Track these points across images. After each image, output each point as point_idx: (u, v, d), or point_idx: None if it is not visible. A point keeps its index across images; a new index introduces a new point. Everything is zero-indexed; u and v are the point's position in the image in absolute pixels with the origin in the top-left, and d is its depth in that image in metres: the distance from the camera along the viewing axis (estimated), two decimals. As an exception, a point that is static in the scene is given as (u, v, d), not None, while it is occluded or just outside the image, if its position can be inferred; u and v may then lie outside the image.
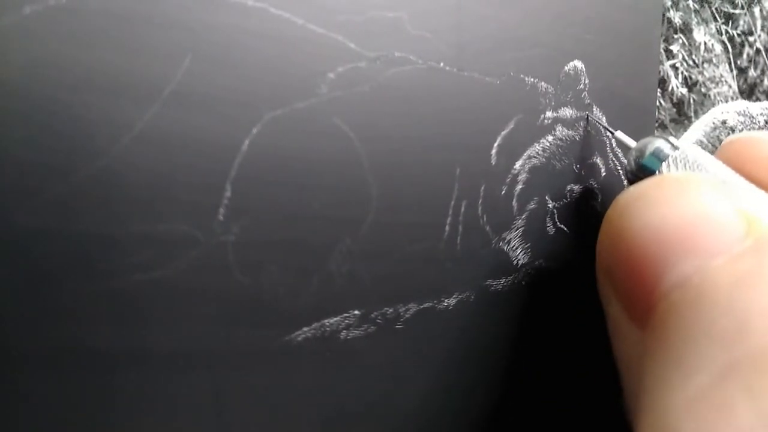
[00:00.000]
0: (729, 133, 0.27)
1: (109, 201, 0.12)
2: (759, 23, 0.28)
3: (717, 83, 0.27)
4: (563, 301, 0.20)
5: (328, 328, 0.15)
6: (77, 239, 0.12)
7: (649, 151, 0.16)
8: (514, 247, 0.18)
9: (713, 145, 0.27)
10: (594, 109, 0.20)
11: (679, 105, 0.25)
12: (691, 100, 0.26)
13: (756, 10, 0.28)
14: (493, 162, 0.18)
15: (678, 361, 0.11)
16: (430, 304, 0.17)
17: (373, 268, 0.16)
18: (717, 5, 0.26)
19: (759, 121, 0.28)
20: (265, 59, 0.14)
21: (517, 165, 0.18)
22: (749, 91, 0.28)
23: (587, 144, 0.20)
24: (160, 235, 0.13)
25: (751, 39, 0.28)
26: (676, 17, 0.25)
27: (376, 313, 0.16)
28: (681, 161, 0.16)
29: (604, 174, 0.21)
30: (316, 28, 0.14)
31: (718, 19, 0.27)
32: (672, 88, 0.25)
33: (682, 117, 0.25)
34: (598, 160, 0.20)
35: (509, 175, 0.18)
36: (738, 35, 0.28)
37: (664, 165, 0.16)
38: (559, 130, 0.19)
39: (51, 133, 0.12)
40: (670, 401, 0.10)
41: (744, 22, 0.28)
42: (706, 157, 0.16)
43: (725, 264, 0.11)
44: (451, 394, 0.17)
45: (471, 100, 0.17)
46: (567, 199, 0.19)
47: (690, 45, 0.25)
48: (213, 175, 0.13)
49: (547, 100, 0.19)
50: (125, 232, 0.13)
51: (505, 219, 0.18)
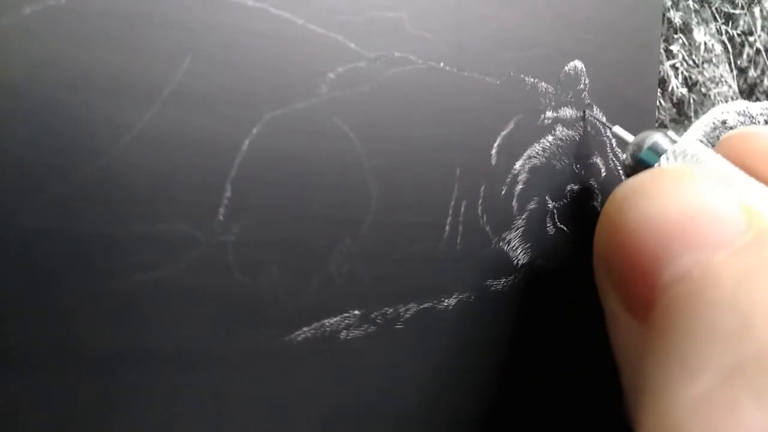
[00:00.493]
0: (729, 133, 0.27)
1: (109, 201, 0.12)
2: (759, 23, 0.28)
3: (717, 83, 0.27)
4: (563, 301, 0.20)
5: (328, 328, 0.15)
6: (77, 239, 0.12)
7: (647, 145, 0.16)
8: (514, 247, 0.18)
9: (713, 145, 0.27)
10: (594, 109, 0.20)
11: (679, 105, 0.25)
12: (691, 100, 0.26)
13: (756, 10, 0.28)
14: (493, 162, 0.18)
15: (681, 358, 0.11)
16: (430, 304, 0.17)
17: (373, 268, 0.16)
18: (717, 5, 0.26)
19: (759, 121, 0.28)
20: (265, 59, 0.14)
21: (517, 165, 0.18)
22: (749, 91, 0.28)
23: (587, 144, 0.20)
24: (160, 235, 0.13)
25: (751, 39, 0.28)
26: (676, 17, 0.25)
27: (376, 313, 0.16)
28: (679, 155, 0.16)
29: (604, 174, 0.21)
30: (316, 28, 0.14)
31: (718, 19, 0.27)
32: (672, 88, 0.25)
33: (682, 117, 0.25)
34: (598, 160, 0.20)
35: (509, 175, 0.18)
36: (738, 35, 0.28)
37: (663, 159, 0.16)
38: (559, 130, 0.19)
39: (51, 133, 0.12)
40: (675, 401, 0.10)
41: (744, 22, 0.28)
42: (705, 150, 0.16)
43: (727, 258, 0.11)
44: (451, 394, 0.17)
45: (471, 100, 0.17)
46: (567, 199, 0.19)
47: (690, 45, 0.25)
48: (213, 175, 0.13)
49: (547, 100, 0.19)
50: (125, 232, 0.13)
51: (505, 219, 0.18)
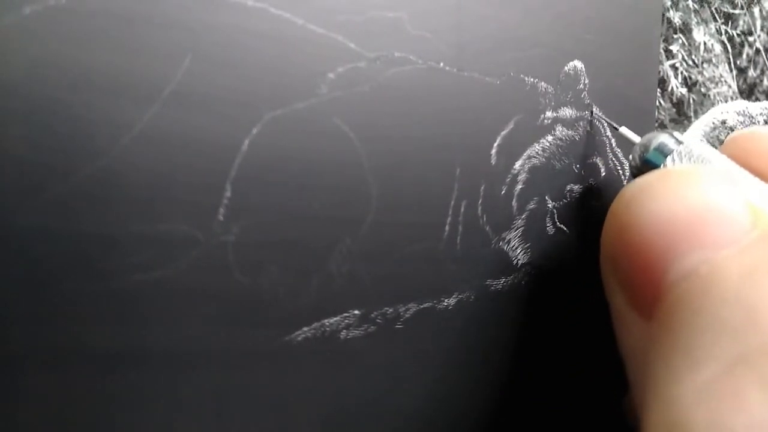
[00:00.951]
0: (728, 133, 0.27)
1: (109, 201, 0.12)
2: (758, 23, 0.28)
3: (716, 83, 0.27)
4: (563, 300, 0.20)
5: (328, 328, 0.15)
6: (77, 239, 0.12)
7: (653, 146, 0.16)
8: (514, 247, 0.18)
9: (713, 145, 0.27)
10: (594, 109, 0.20)
11: (678, 105, 0.25)
12: (690, 100, 0.26)
13: (755, 10, 0.28)
14: (493, 162, 0.18)
15: (686, 351, 0.11)
16: (430, 304, 0.17)
17: (373, 268, 0.16)
18: (716, 5, 0.26)
19: (758, 121, 0.28)
20: (265, 59, 0.14)
21: (517, 165, 0.18)
22: (749, 91, 0.29)
23: (587, 144, 0.20)
24: (160, 235, 0.13)
25: (750, 39, 0.28)
26: (676, 17, 0.25)
27: (376, 313, 0.16)
28: (686, 156, 0.16)
29: (604, 174, 0.21)
30: (316, 28, 0.14)
31: (718, 19, 0.27)
32: (672, 88, 0.25)
33: (681, 117, 0.26)
34: (598, 160, 0.20)
35: (509, 175, 0.18)
36: (737, 35, 0.28)
37: (669, 159, 0.16)
38: (559, 130, 0.19)
39: (51, 133, 0.12)
40: (679, 391, 0.10)
41: (743, 22, 0.28)
42: (711, 151, 0.16)
43: (733, 256, 0.11)
44: (451, 394, 0.17)
45: (471, 100, 0.17)
46: (567, 199, 0.19)
47: (690, 45, 0.25)
48: (213, 175, 0.13)
49: (547, 100, 0.19)
50: (125, 232, 0.13)
51: (505, 219, 0.18)
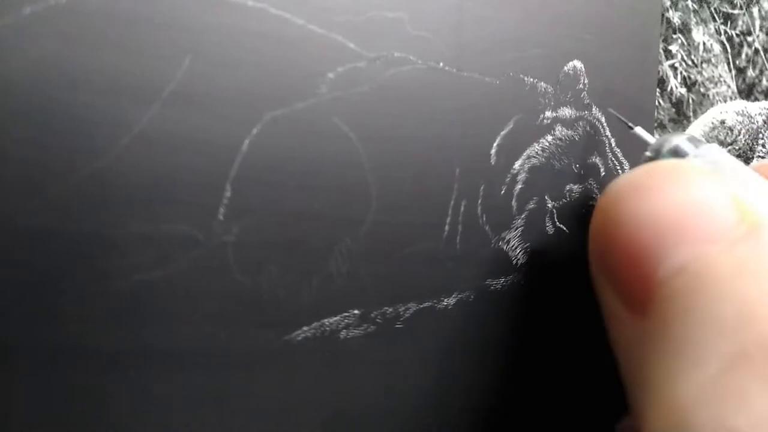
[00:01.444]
0: (728, 133, 0.27)
1: (109, 201, 0.12)
2: (758, 23, 0.28)
3: (716, 83, 0.27)
4: (562, 300, 0.20)
5: (327, 328, 0.15)
6: (77, 239, 0.12)
7: (666, 148, 0.16)
8: (514, 247, 0.18)
9: (711, 142, 0.27)
10: (593, 108, 0.20)
11: (678, 105, 0.25)
12: (689, 100, 0.26)
13: (755, 11, 0.28)
14: (492, 162, 0.18)
15: (683, 350, 0.11)
16: (430, 303, 0.17)
17: (373, 268, 0.16)
18: (716, 5, 0.26)
19: (757, 121, 0.28)
20: (265, 59, 0.14)
21: (517, 165, 0.18)
22: (748, 91, 0.29)
23: (586, 144, 0.20)
24: (160, 235, 0.13)
25: (749, 39, 0.28)
26: (675, 17, 0.25)
27: (375, 312, 0.16)
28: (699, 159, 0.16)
29: (604, 174, 0.21)
30: (316, 29, 0.14)
31: (717, 19, 0.27)
32: (671, 87, 0.25)
33: (680, 117, 0.26)
34: (598, 160, 0.20)
35: (509, 175, 0.18)
36: (737, 35, 0.28)
37: None
38: (559, 130, 0.19)
39: (51, 133, 0.12)
40: (680, 390, 0.10)
41: (743, 22, 0.28)
42: (727, 157, 0.16)
43: (722, 251, 0.11)
44: (451, 394, 0.17)
45: (471, 101, 0.17)
46: (566, 199, 0.20)
47: (689, 45, 0.25)
48: (213, 175, 0.13)
49: (546, 100, 0.19)
50: (125, 233, 0.13)
51: (505, 219, 0.18)
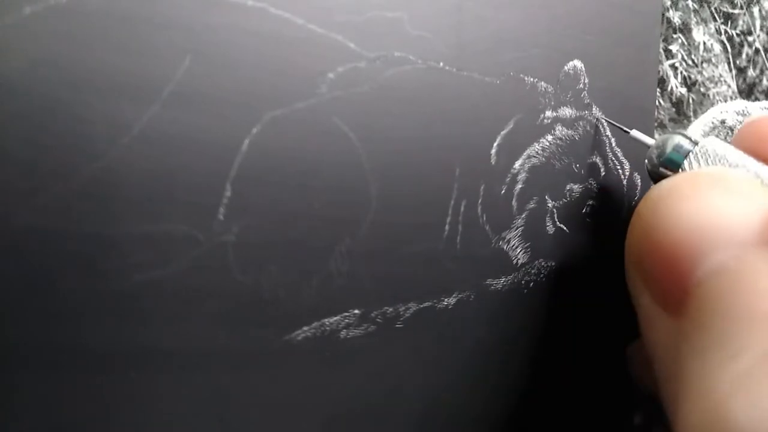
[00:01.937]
0: (728, 133, 0.27)
1: (109, 201, 0.12)
2: (758, 23, 0.28)
3: (716, 83, 0.27)
4: (563, 300, 0.20)
5: (327, 328, 0.15)
6: (77, 239, 0.12)
7: (669, 147, 0.17)
8: (514, 247, 0.18)
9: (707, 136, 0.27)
10: (594, 108, 0.20)
11: (678, 104, 0.25)
12: (690, 100, 0.26)
13: (755, 10, 0.28)
14: (492, 162, 0.18)
15: (720, 344, 0.11)
16: (430, 303, 0.17)
17: (373, 267, 0.16)
18: (716, 5, 0.26)
19: (758, 121, 0.28)
20: (265, 59, 0.14)
21: (517, 164, 0.18)
22: (748, 91, 0.29)
23: (587, 143, 0.20)
24: (160, 235, 0.13)
25: (750, 39, 0.28)
26: (676, 17, 0.25)
27: (375, 312, 0.16)
28: (702, 155, 0.16)
29: (604, 173, 0.21)
30: (316, 28, 0.14)
31: (717, 18, 0.27)
32: (671, 87, 0.25)
33: (681, 116, 0.26)
34: (598, 160, 0.20)
35: (509, 175, 0.18)
36: (737, 35, 0.28)
37: (691, 156, 0.16)
38: (559, 130, 0.19)
39: (51, 133, 0.12)
40: (716, 380, 0.11)
41: (743, 21, 0.28)
42: (727, 147, 0.16)
43: (762, 251, 0.12)
44: (451, 393, 0.17)
45: (471, 100, 0.17)
46: (567, 199, 0.20)
47: (689, 45, 0.25)
48: (213, 175, 0.13)
49: (546, 100, 0.19)
50: (125, 233, 0.13)
51: (505, 218, 0.18)
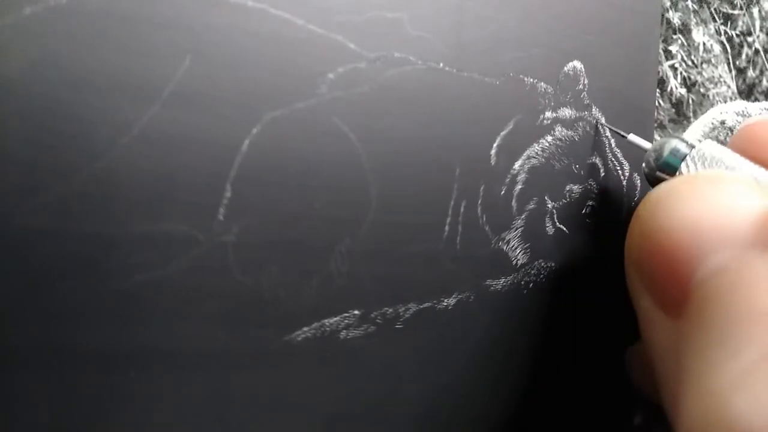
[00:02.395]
0: (728, 134, 0.27)
1: (109, 201, 0.12)
2: (758, 24, 0.28)
3: (716, 84, 0.27)
4: (563, 301, 0.20)
5: (327, 328, 0.15)
6: (77, 239, 0.12)
7: (666, 151, 0.17)
8: (514, 247, 0.18)
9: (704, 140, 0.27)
10: (593, 109, 0.20)
11: (678, 105, 0.25)
12: (689, 101, 0.26)
13: (755, 11, 0.28)
14: (492, 162, 0.18)
15: (720, 341, 0.11)
16: (430, 304, 0.17)
17: (372, 268, 0.16)
18: (716, 6, 0.26)
19: (758, 122, 0.28)
20: (265, 60, 0.14)
21: (517, 165, 0.18)
22: (748, 92, 0.29)
23: (586, 144, 0.20)
24: (160, 235, 0.13)
25: (749, 39, 0.28)
26: (675, 18, 0.25)
27: (375, 313, 0.16)
28: (699, 158, 0.16)
29: (603, 174, 0.21)
30: (316, 29, 0.15)
31: (717, 19, 0.27)
32: (671, 88, 0.25)
33: (680, 117, 0.26)
34: (597, 161, 0.20)
35: (509, 176, 0.18)
36: (737, 36, 0.28)
37: (688, 159, 0.16)
38: (559, 131, 0.19)
39: (51, 133, 0.12)
40: (717, 378, 0.11)
41: (743, 22, 0.28)
42: (723, 150, 0.16)
43: (761, 252, 0.12)
44: (451, 394, 0.17)
45: (470, 101, 0.17)
46: (566, 200, 0.20)
47: (689, 45, 0.25)
48: (213, 175, 0.13)
49: (546, 101, 0.19)
50: (125, 233, 0.13)
51: (505, 219, 0.18)
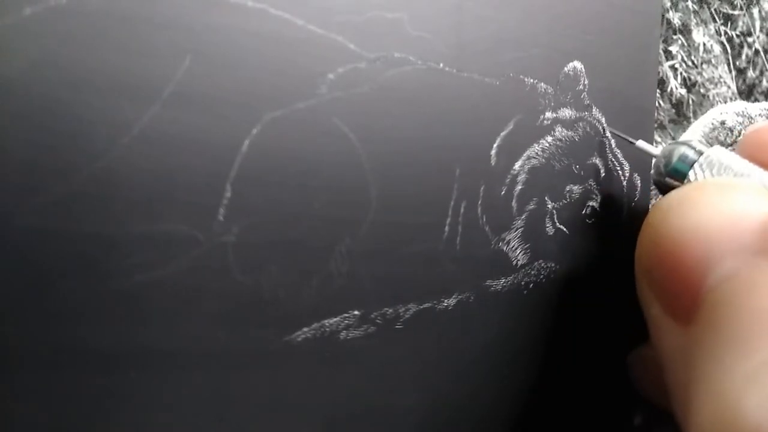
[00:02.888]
0: (728, 134, 0.27)
1: (109, 201, 0.12)
2: (758, 24, 0.28)
3: (716, 84, 0.27)
4: (563, 301, 0.20)
5: (327, 329, 0.15)
6: (77, 239, 0.12)
7: (675, 157, 0.17)
8: (514, 248, 0.18)
9: (712, 146, 0.27)
10: (594, 109, 0.20)
11: (678, 106, 0.25)
12: (690, 101, 0.26)
13: (755, 11, 0.28)
14: (492, 162, 0.18)
15: (731, 345, 0.11)
16: (430, 304, 0.17)
17: (372, 268, 0.16)
18: (716, 6, 0.26)
19: (757, 122, 0.28)
20: (265, 60, 0.14)
21: (517, 165, 0.18)
22: (748, 92, 0.29)
23: (586, 145, 0.20)
24: (160, 235, 0.13)
25: (749, 40, 0.28)
26: (675, 18, 0.25)
27: (375, 313, 0.16)
28: (707, 165, 0.16)
29: (603, 174, 0.21)
30: (316, 29, 0.15)
31: (717, 20, 0.27)
32: (671, 88, 0.25)
33: (681, 118, 0.26)
34: (598, 161, 0.20)
35: (509, 176, 0.18)
36: (737, 36, 0.28)
37: (696, 166, 0.17)
38: (559, 131, 0.19)
39: (51, 133, 0.12)
40: (729, 378, 0.11)
41: (743, 23, 0.28)
42: (732, 156, 0.16)
43: None
44: (451, 394, 0.17)
45: (470, 101, 0.17)
46: (566, 200, 0.20)
47: (689, 46, 0.25)
48: (213, 175, 0.13)
49: (546, 101, 0.19)
50: (125, 233, 0.13)
51: (505, 219, 0.18)
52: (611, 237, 0.21)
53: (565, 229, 0.20)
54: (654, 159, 0.18)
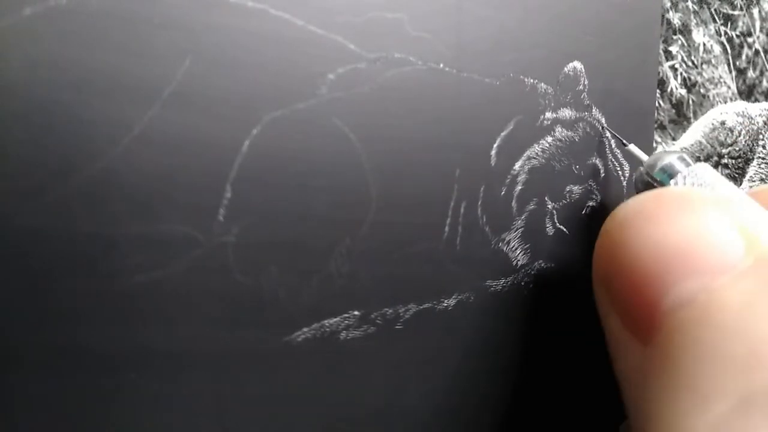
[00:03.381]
0: (728, 134, 0.27)
1: (109, 202, 0.12)
2: (758, 24, 0.28)
3: (716, 84, 0.27)
4: (563, 302, 0.20)
5: (327, 329, 0.15)
6: (77, 240, 0.12)
7: (659, 166, 0.17)
8: (514, 248, 0.18)
9: (712, 146, 0.27)
10: (594, 109, 0.20)
11: (678, 106, 0.25)
12: (690, 101, 0.26)
13: (755, 12, 0.28)
14: (492, 163, 0.18)
15: (691, 387, 0.11)
16: (430, 304, 0.17)
17: (373, 268, 0.16)
18: (716, 6, 0.26)
19: (758, 122, 0.28)
20: (265, 60, 0.14)
21: (517, 166, 0.18)
22: (748, 92, 0.29)
23: (586, 145, 0.20)
24: (160, 236, 0.13)
25: (749, 40, 0.28)
26: (675, 18, 0.25)
27: (375, 313, 0.16)
28: (689, 180, 0.16)
29: (603, 175, 0.21)
30: (316, 29, 0.15)
31: (717, 20, 0.27)
32: (671, 88, 0.25)
33: (681, 118, 0.26)
34: (598, 161, 0.20)
35: (509, 176, 0.18)
36: (737, 36, 0.28)
37: (672, 182, 0.16)
38: (559, 131, 0.19)
39: (51, 133, 0.12)
40: (687, 428, 0.10)
41: (743, 23, 0.28)
42: (716, 176, 0.16)
43: (729, 284, 0.11)
44: (451, 395, 0.17)
45: (470, 101, 0.17)
46: (566, 200, 0.20)
47: (689, 46, 0.25)
48: (213, 176, 0.13)
49: (546, 101, 0.19)
50: (125, 233, 0.13)
51: (505, 220, 0.18)
52: (611, 237, 0.21)
53: (565, 229, 0.20)
54: (641, 166, 0.18)
